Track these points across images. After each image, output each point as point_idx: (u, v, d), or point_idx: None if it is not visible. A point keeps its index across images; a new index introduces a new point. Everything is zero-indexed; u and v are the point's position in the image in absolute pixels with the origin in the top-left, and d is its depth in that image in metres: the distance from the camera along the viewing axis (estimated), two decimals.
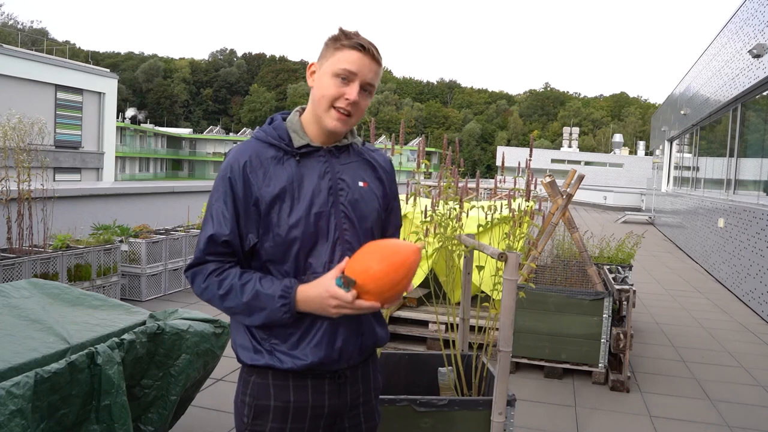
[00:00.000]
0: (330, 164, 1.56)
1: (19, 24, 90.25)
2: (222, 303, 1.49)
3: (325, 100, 1.50)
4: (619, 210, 26.02)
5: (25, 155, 5.42)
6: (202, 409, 3.71)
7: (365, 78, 1.50)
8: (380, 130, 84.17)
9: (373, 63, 1.51)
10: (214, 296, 1.49)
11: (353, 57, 1.48)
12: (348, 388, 1.59)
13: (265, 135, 1.55)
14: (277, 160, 1.51)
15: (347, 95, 1.48)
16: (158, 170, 66.26)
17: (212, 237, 1.48)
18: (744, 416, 4.09)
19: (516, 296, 2.20)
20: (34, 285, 2.92)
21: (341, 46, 1.49)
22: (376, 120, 3.04)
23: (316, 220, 1.49)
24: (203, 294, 1.51)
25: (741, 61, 9.96)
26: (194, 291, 1.54)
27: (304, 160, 1.53)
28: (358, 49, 1.48)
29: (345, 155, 1.60)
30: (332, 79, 1.49)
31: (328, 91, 1.49)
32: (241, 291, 1.46)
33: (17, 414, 1.95)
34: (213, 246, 1.49)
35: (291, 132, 1.55)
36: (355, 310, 1.42)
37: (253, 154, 1.51)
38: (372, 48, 1.50)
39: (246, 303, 1.46)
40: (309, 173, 1.52)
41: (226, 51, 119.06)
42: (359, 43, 1.48)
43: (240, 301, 1.46)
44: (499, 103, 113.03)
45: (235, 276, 1.48)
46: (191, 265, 1.52)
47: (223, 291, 1.47)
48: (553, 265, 5.31)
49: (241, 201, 1.48)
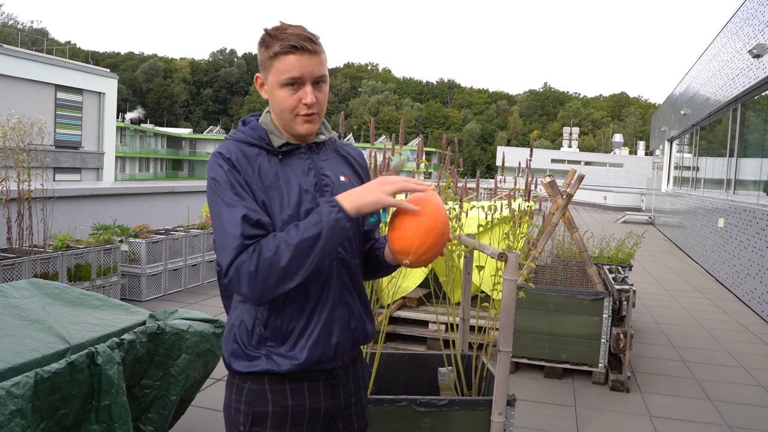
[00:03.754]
0: (312, 160, 1.55)
1: (19, 24, 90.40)
2: (279, 262, 1.33)
3: (286, 113, 1.48)
4: (619, 210, 26.03)
5: (25, 155, 5.42)
6: (202, 409, 3.71)
7: (312, 75, 1.46)
8: (380, 130, 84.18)
9: (312, 57, 1.45)
10: (268, 266, 1.33)
11: (291, 62, 1.43)
12: (341, 389, 1.59)
13: (245, 135, 1.51)
14: (262, 157, 1.49)
15: (304, 100, 1.46)
16: (158, 170, 66.26)
17: (246, 216, 1.36)
18: (744, 416, 4.09)
19: (516, 296, 2.20)
20: (34, 285, 2.92)
21: (275, 55, 1.44)
22: (375, 120, 3.04)
23: (306, 217, 1.47)
24: (255, 277, 1.33)
25: (741, 61, 9.96)
26: (243, 289, 1.35)
27: (287, 158, 1.52)
28: (292, 52, 1.43)
29: (323, 151, 1.60)
30: (282, 90, 1.46)
31: (285, 104, 1.47)
32: (288, 234, 1.35)
33: (17, 414, 1.95)
34: (249, 227, 1.36)
35: (268, 133, 1.53)
36: (405, 183, 1.42)
37: (238, 150, 1.47)
38: (304, 42, 1.43)
39: (300, 239, 1.34)
40: (294, 171, 1.51)
41: (226, 51, 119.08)
42: (291, 45, 1.42)
43: (293, 243, 1.34)
44: (499, 103, 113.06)
45: (273, 234, 1.37)
46: (230, 261, 1.34)
47: (271, 252, 1.33)
48: (553, 265, 5.31)
49: (245, 184, 1.43)
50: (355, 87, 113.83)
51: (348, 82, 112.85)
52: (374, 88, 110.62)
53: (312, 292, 1.50)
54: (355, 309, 1.57)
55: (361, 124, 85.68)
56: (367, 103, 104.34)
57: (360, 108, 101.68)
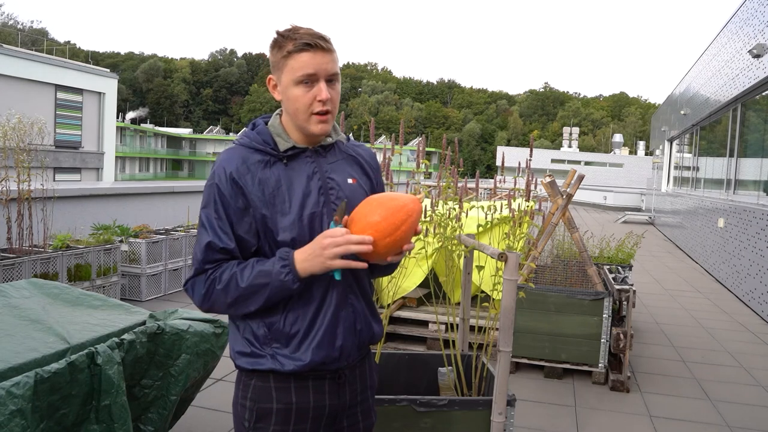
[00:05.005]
0: (318, 164, 1.55)
1: (19, 24, 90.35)
2: (226, 297, 1.45)
3: (301, 111, 1.49)
4: (619, 210, 26.02)
5: (25, 155, 5.42)
6: (202, 409, 3.71)
7: (326, 72, 1.47)
8: (380, 130, 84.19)
9: (325, 54, 1.47)
10: (217, 295, 1.45)
11: (305, 59, 1.45)
12: (347, 388, 1.59)
13: (250, 140, 1.53)
14: (264, 164, 1.50)
15: (318, 96, 1.47)
16: (158, 170, 66.27)
17: (210, 244, 1.46)
18: (744, 416, 4.09)
19: (516, 296, 2.20)
20: (34, 285, 2.92)
21: (289, 54, 1.46)
22: (375, 120, 3.04)
23: (309, 221, 1.49)
24: (204, 299, 1.47)
25: (741, 61, 9.96)
26: (195, 302, 1.49)
27: (291, 162, 1.53)
28: (306, 49, 1.45)
29: (331, 154, 1.60)
30: (296, 88, 1.47)
31: (300, 102, 1.48)
32: (241, 275, 1.44)
33: (17, 414, 1.95)
34: (211, 253, 1.46)
35: (275, 136, 1.53)
36: (347, 246, 1.39)
37: (240, 160, 1.49)
38: (318, 40, 1.45)
39: (248, 284, 1.43)
40: (297, 175, 1.51)
41: (226, 51, 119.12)
42: (304, 43, 1.44)
43: (242, 286, 1.43)
44: (499, 103, 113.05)
45: (232, 266, 1.46)
46: (190, 277, 1.49)
47: (222, 285, 1.44)
48: (553, 265, 5.31)
49: (231, 207, 1.46)
50: (355, 87, 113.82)
51: (348, 82, 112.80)
52: (374, 88, 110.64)
53: (315, 294, 1.51)
54: (359, 310, 1.57)
55: (361, 124, 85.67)
56: (367, 103, 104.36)
57: (360, 108, 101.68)
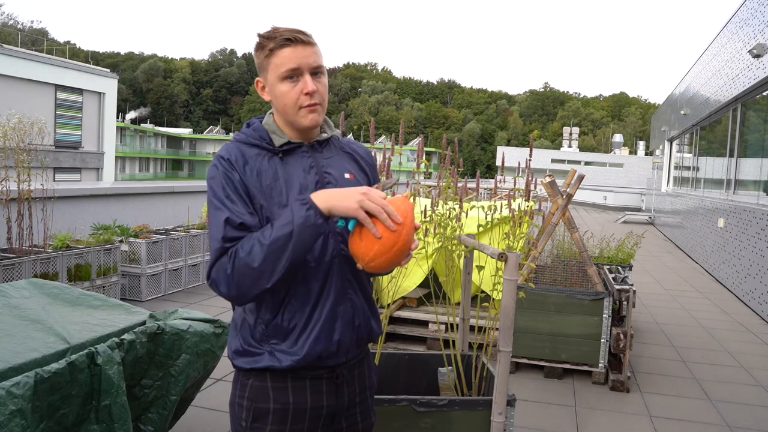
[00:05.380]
0: (314, 158, 1.56)
1: (19, 24, 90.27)
2: (253, 263, 1.35)
3: (290, 106, 1.50)
4: (619, 210, 26.02)
5: (25, 155, 5.42)
6: (202, 409, 3.72)
7: (309, 65, 1.48)
8: (380, 130, 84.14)
9: (306, 48, 1.48)
10: (242, 267, 1.36)
11: (287, 54, 1.46)
12: (345, 388, 1.59)
13: (246, 137, 1.54)
14: (262, 157, 1.51)
15: (305, 90, 1.48)
16: (158, 170, 66.28)
17: (228, 219, 1.40)
18: (744, 416, 4.09)
19: (516, 296, 2.20)
20: (34, 285, 2.92)
21: (271, 52, 1.48)
22: (375, 120, 3.04)
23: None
24: (230, 280, 1.37)
25: (741, 61, 9.96)
26: (222, 290, 1.39)
27: (287, 157, 1.53)
28: (286, 45, 1.46)
29: (327, 149, 1.61)
30: (282, 84, 1.48)
31: (287, 98, 1.49)
32: (262, 235, 1.37)
33: (17, 414, 1.95)
34: (230, 230, 1.39)
35: (270, 133, 1.55)
36: (383, 207, 1.37)
37: (238, 152, 1.50)
38: (297, 34, 1.47)
39: (273, 239, 1.35)
40: (294, 169, 1.52)
41: (226, 51, 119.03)
42: (285, 39, 1.46)
43: (266, 243, 1.35)
44: (499, 103, 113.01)
45: (250, 236, 1.39)
46: (212, 264, 1.40)
47: (245, 252, 1.36)
48: (553, 265, 5.31)
49: (239, 188, 1.45)
50: (355, 87, 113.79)
51: (348, 82, 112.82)
52: (374, 88, 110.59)
53: (313, 288, 1.50)
54: (359, 306, 1.57)
55: (361, 124, 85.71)
56: (367, 103, 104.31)
57: (360, 108, 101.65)
